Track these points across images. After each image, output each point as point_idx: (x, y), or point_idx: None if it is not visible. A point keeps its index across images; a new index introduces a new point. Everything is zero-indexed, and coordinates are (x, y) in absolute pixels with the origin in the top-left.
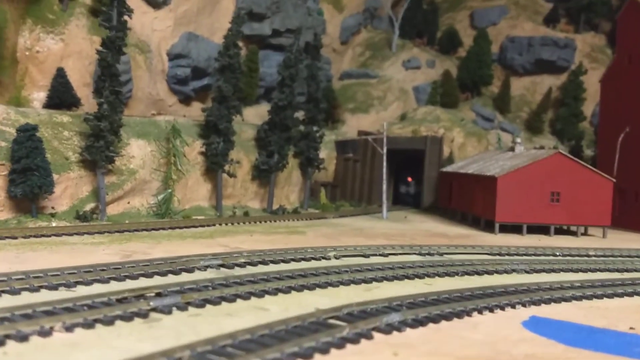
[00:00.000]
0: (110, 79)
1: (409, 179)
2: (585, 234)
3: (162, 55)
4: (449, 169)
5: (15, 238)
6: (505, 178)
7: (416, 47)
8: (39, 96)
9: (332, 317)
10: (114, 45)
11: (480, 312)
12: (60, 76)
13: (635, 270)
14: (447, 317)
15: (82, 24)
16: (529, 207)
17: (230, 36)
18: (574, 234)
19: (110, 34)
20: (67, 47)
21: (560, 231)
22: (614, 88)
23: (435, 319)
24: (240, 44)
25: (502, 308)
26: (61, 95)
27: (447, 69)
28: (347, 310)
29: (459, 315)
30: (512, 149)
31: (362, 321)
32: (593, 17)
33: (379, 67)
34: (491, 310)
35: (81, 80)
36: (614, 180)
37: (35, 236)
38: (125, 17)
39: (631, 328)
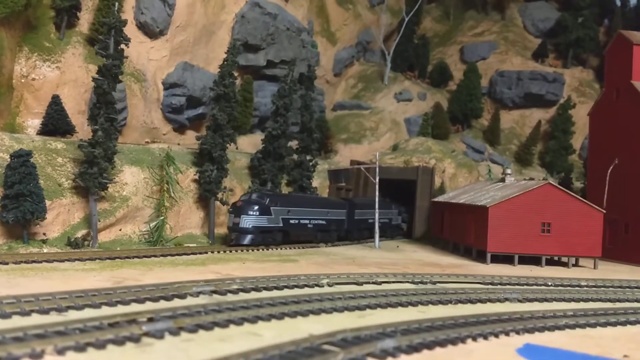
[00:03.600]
0: (106, 106)
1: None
2: (576, 264)
3: (157, 84)
4: (440, 199)
5: (6, 264)
6: (496, 208)
7: (408, 80)
8: (33, 123)
9: (326, 343)
10: (110, 73)
11: (474, 339)
12: (55, 103)
13: (627, 300)
14: (442, 343)
15: (79, 52)
16: (521, 238)
17: (225, 66)
18: (565, 264)
19: (107, 62)
20: (63, 75)
21: (551, 262)
22: (602, 121)
23: (430, 346)
24: (236, 74)
25: (496, 335)
26: (56, 123)
27: (438, 101)
28: (341, 336)
29: (453, 342)
30: (502, 180)
31: (357, 347)
32: (581, 52)
33: (371, 99)
34: (485, 337)
35: (76, 108)
36: (604, 211)
37: (26, 262)
38: (122, 46)
39: (625, 356)
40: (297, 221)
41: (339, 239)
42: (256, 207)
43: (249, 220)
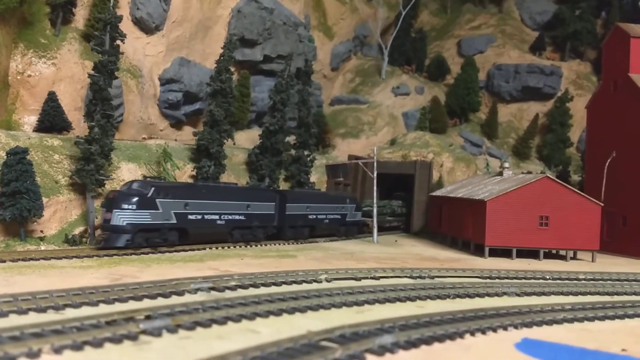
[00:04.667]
0: (102, 102)
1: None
2: (574, 258)
3: (154, 80)
4: (438, 193)
5: (4, 262)
6: (494, 201)
7: (405, 74)
8: (29, 120)
9: (324, 339)
10: (106, 69)
11: (472, 334)
12: (51, 100)
13: (625, 294)
14: (440, 339)
15: (75, 48)
16: (518, 231)
17: (222, 61)
18: (563, 258)
19: (103, 59)
20: (59, 72)
21: (549, 255)
22: (599, 114)
23: (428, 341)
24: (232, 69)
25: (494, 330)
26: (52, 119)
27: (435, 95)
28: (339, 332)
29: (452, 337)
30: (500, 174)
31: (355, 343)
32: (578, 45)
33: (368, 93)
34: (483, 332)
35: (72, 105)
36: (602, 204)
37: (23, 260)
38: (118, 42)
39: (623, 350)
40: (199, 217)
41: (269, 238)
42: (134, 199)
43: (124, 215)
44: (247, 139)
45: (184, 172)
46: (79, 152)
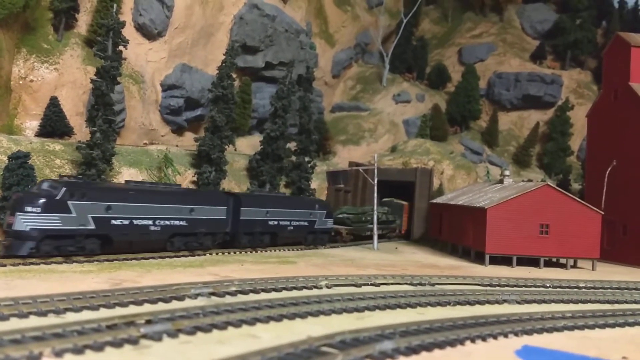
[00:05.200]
0: (104, 108)
1: None
2: (574, 266)
3: (155, 86)
4: (439, 200)
5: (4, 266)
6: (495, 209)
7: (406, 82)
8: (31, 125)
9: (324, 345)
10: (108, 74)
11: (473, 341)
12: (53, 105)
13: (626, 302)
14: (441, 345)
15: (77, 54)
16: (519, 239)
17: (224, 68)
18: (563, 266)
19: (105, 64)
20: (61, 77)
21: (549, 263)
22: (600, 123)
23: (429, 348)
24: (234, 75)
25: (495, 337)
26: (54, 124)
27: (436, 103)
28: (339, 338)
29: (452, 343)
30: (500, 182)
31: (355, 348)
32: (579, 54)
33: (369, 101)
34: (484, 339)
35: (74, 110)
36: (602, 213)
37: (24, 264)
38: (121, 48)
39: (624, 357)
40: (126, 222)
41: (221, 247)
42: (40, 201)
43: (27, 220)
44: (248, 145)
45: (185, 178)
46: (80, 157)
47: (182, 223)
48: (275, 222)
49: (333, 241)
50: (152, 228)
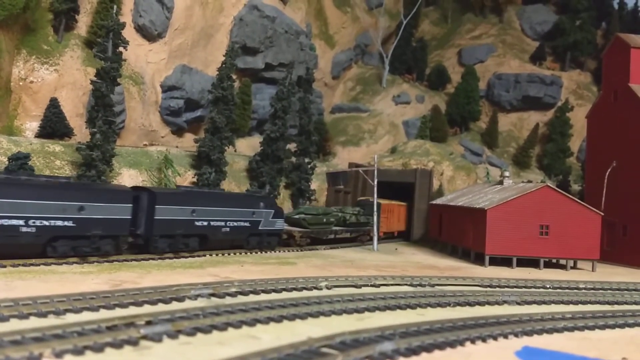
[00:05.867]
0: (104, 109)
1: None
2: (574, 267)
3: (155, 87)
4: (438, 201)
5: (4, 267)
6: (494, 210)
7: (406, 83)
8: (31, 126)
9: (324, 346)
10: (108, 75)
11: (473, 342)
12: (53, 106)
13: (626, 303)
14: (440, 346)
15: (77, 55)
16: (519, 240)
17: (224, 69)
18: (563, 267)
19: (105, 65)
20: (61, 78)
21: (549, 264)
22: (600, 124)
23: (429, 349)
24: (234, 76)
25: (495, 338)
26: (54, 125)
27: (436, 104)
28: (339, 339)
29: (452, 344)
30: (500, 183)
31: (355, 349)
32: (579, 55)
33: (369, 102)
34: (484, 340)
35: (74, 111)
36: (602, 214)
37: (24, 265)
38: (121, 49)
39: (624, 358)
40: None
41: (132, 251)
42: None
43: None
44: (248, 146)
45: (185, 179)
46: (80, 158)
47: (67, 224)
48: (205, 223)
49: (286, 245)
50: (24, 229)
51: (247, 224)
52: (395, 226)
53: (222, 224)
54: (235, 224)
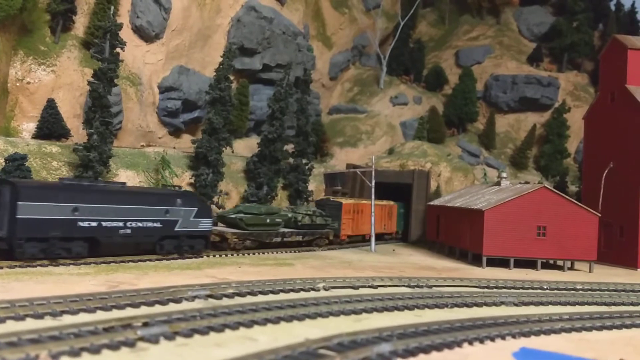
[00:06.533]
0: (101, 110)
1: None
2: (571, 268)
3: (153, 88)
4: (436, 202)
5: (1, 268)
6: (492, 211)
7: (403, 84)
8: (28, 127)
9: (322, 347)
10: (105, 76)
11: (470, 343)
12: (50, 107)
13: (623, 304)
14: (438, 347)
15: (74, 56)
16: (516, 241)
17: (221, 70)
18: (560, 268)
19: (102, 66)
20: (58, 79)
21: (547, 265)
22: (597, 125)
23: (426, 350)
24: (231, 77)
25: (492, 339)
26: (51, 126)
27: (433, 105)
28: (337, 341)
29: (450, 346)
30: (498, 184)
31: (353, 351)
32: (576, 56)
33: (367, 103)
34: (481, 341)
35: (71, 112)
36: (599, 215)
37: (20, 266)
38: (118, 50)
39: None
40: None
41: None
42: None
43: None
44: (245, 147)
45: (182, 180)
46: (77, 159)
47: None
48: (93, 224)
49: (219, 249)
50: None
51: (157, 225)
52: (368, 228)
53: (121, 224)
54: (140, 224)
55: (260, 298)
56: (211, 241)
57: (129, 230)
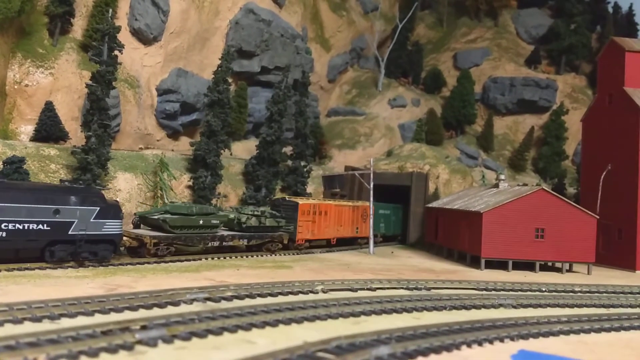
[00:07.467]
0: (99, 112)
1: None
2: (570, 270)
3: (151, 91)
4: (434, 204)
5: None
6: (490, 213)
7: (401, 86)
8: (26, 129)
9: (320, 350)
10: (103, 79)
11: (469, 345)
12: (48, 110)
13: (621, 306)
14: (436, 350)
15: (72, 58)
16: (514, 243)
17: (219, 72)
18: (558, 270)
19: (101, 69)
20: (57, 82)
21: (545, 267)
22: (595, 127)
23: (425, 352)
24: (230, 80)
25: (491, 342)
26: (49, 129)
27: (431, 107)
28: (335, 343)
29: (448, 348)
30: (496, 186)
31: (351, 354)
32: (574, 58)
33: (365, 105)
34: (480, 344)
35: (69, 114)
36: (598, 217)
37: (18, 269)
38: (116, 52)
39: None
40: None
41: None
42: None
43: None
44: (244, 149)
45: (181, 182)
46: (75, 161)
47: None
48: None
49: (138, 255)
50: None
51: (44, 227)
52: (333, 232)
53: None
54: (18, 226)
55: (259, 301)
56: (128, 247)
57: (3, 234)
